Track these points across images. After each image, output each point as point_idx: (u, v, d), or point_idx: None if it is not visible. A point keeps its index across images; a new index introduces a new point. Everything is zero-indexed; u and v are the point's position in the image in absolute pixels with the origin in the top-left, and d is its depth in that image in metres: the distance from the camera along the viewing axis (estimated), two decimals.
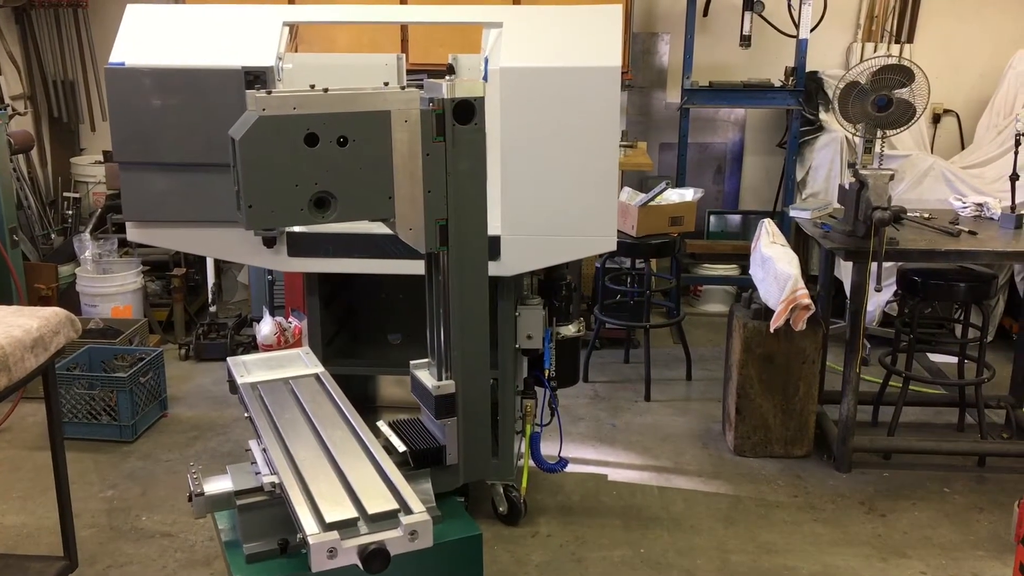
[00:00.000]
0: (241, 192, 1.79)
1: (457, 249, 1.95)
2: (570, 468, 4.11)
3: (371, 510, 1.66)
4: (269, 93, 1.77)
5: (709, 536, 3.67)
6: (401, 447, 2.02)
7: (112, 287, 5.41)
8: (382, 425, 2.12)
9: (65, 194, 6.49)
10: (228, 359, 2.38)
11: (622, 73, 6.13)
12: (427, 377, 2.08)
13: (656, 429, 4.66)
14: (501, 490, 3.70)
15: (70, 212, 6.33)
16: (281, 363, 2.36)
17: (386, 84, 1.93)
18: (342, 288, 3.89)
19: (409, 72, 5.99)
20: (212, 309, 5.64)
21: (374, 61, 3.79)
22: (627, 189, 5.29)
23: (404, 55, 3.93)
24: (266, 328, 4.79)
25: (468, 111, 1.90)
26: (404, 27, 5.71)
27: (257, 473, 1.91)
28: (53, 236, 6.34)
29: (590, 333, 5.41)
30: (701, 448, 4.45)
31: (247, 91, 1.81)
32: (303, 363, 2.36)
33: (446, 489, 2.07)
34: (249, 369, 2.32)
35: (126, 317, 5.36)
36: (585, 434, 4.59)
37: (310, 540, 1.58)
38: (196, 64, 3.14)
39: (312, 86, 1.85)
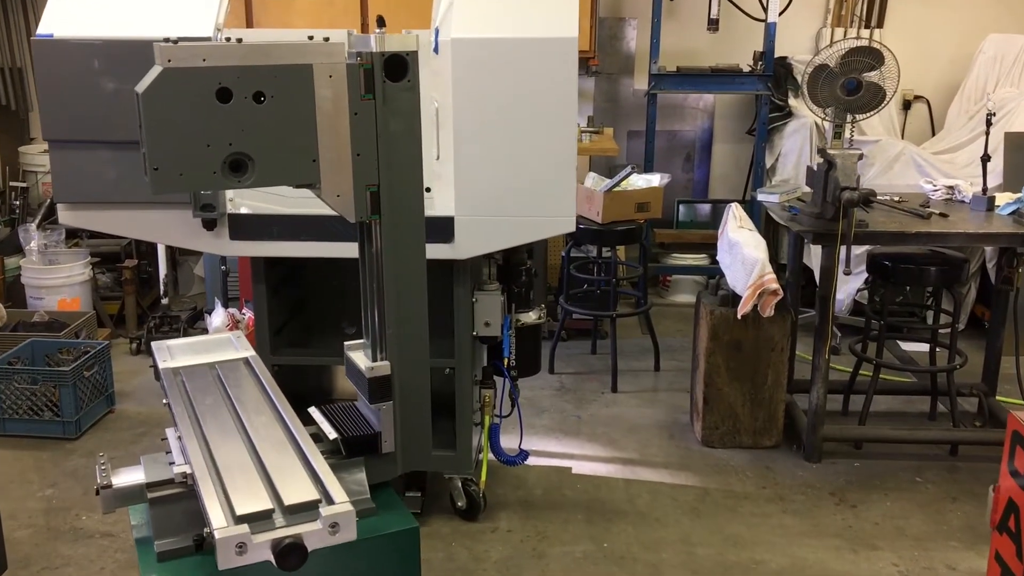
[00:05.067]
0: (146, 153, 1.62)
1: (390, 217, 1.79)
2: (533, 461, 3.99)
3: (288, 500, 1.50)
4: (176, 43, 1.61)
5: (675, 529, 3.54)
6: (332, 434, 1.86)
7: (58, 279, 5.21)
8: (313, 411, 1.96)
9: (12, 184, 6.25)
10: (152, 343, 2.21)
11: (588, 59, 6.09)
12: (361, 358, 1.92)
13: (622, 421, 4.52)
14: (459, 484, 3.55)
15: (17, 203, 6.10)
16: (209, 348, 2.19)
17: (310, 37, 1.77)
18: (293, 276, 3.72)
19: None
20: (164, 301, 5.44)
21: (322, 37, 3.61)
22: (592, 175, 5.16)
23: (354, 31, 3.75)
24: (217, 319, 4.60)
25: (400, 66, 1.75)
26: (364, 5, 5.55)
27: (171, 463, 1.74)
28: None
29: (555, 324, 5.27)
30: (668, 439, 4.32)
31: (154, 43, 1.64)
32: (232, 347, 2.19)
33: (383, 479, 1.91)
34: (173, 354, 2.15)
35: (74, 310, 5.16)
36: (549, 426, 4.45)
37: (216, 534, 1.42)
38: (128, 35, 2.95)
39: (228, 38, 1.69)
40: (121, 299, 5.56)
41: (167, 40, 1.65)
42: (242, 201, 3.23)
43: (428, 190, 3.34)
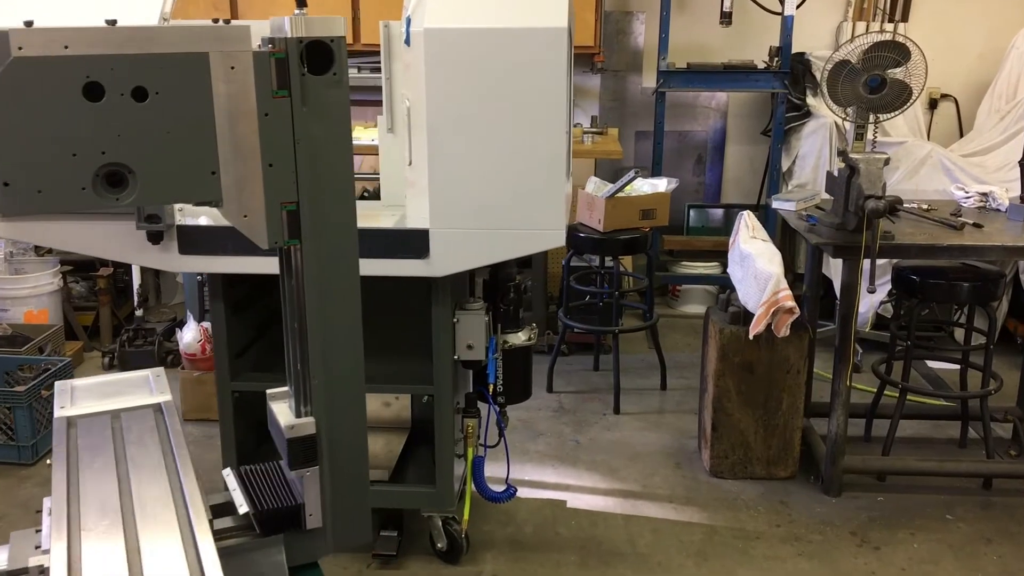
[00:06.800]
0: None
1: (314, 243, 1.45)
2: (526, 493, 3.66)
3: None
4: (30, 25, 1.28)
5: (679, 575, 3.19)
6: (244, 507, 1.52)
7: (25, 289, 4.90)
8: (228, 475, 1.62)
9: None
10: (56, 383, 1.88)
11: (593, 56, 5.73)
12: (284, 412, 1.58)
13: (624, 446, 4.17)
14: (439, 523, 3.21)
15: None
16: (120, 389, 1.86)
17: (215, 21, 1.43)
18: (260, 291, 3.39)
19: (361, 54, 5.53)
20: (138, 313, 5.12)
21: None
22: (594, 179, 4.81)
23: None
24: (189, 335, 4.28)
25: (324, 56, 1.40)
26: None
27: (37, 547, 1.41)
28: None
29: (555, 337, 4.93)
30: (674, 468, 3.96)
31: (6, 28, 1.31)
32: (147, 389, 1.86)
33: (309, 560, 1.57)
34: (75, 397, 1.82)
35: (41, 322, 4.85)
36: (545, 452, 4.10)
37: None
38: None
39: (108, 21, 1.36)
40: (96, 310, 5.25)
41: (27, 24, 1.33)
42: (194, 210, 2.90)
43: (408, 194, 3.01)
